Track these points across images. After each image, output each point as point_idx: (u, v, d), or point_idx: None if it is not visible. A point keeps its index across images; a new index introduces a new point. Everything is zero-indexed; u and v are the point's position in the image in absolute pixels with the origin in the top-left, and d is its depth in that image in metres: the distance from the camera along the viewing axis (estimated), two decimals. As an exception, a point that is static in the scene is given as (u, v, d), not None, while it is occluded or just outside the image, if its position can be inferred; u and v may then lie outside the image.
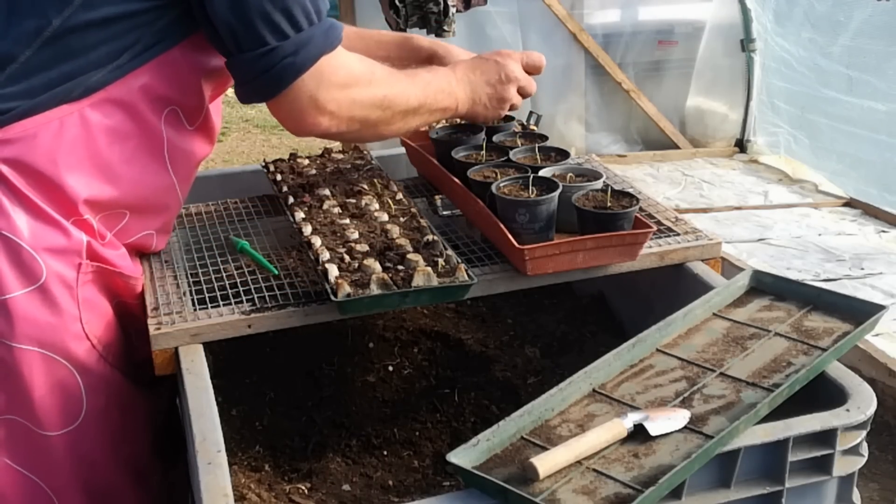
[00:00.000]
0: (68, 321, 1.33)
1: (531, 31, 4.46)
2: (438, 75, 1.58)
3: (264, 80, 1.32)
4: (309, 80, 1.33)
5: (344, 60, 1.39)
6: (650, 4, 4.68)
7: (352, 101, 1.39)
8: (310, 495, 1.40)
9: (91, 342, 1.36)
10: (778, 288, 1.53)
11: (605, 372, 1.31)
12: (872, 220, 3.84)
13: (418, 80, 1.53)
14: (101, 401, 1.39)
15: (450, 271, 1.43)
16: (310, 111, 1.36)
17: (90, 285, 1.37)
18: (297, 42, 1.31)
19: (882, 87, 3.86)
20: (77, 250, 1.33)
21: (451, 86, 1.58)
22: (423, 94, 1.51)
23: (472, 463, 1.12)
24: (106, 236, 1.40)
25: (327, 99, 1.36)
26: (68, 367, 1.33)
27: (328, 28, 1.35)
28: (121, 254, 1.44)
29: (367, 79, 1.42)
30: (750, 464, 1.17)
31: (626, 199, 1.56)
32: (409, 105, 1.49)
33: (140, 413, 1.49)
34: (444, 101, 1.56)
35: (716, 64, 4.70)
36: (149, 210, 1.47)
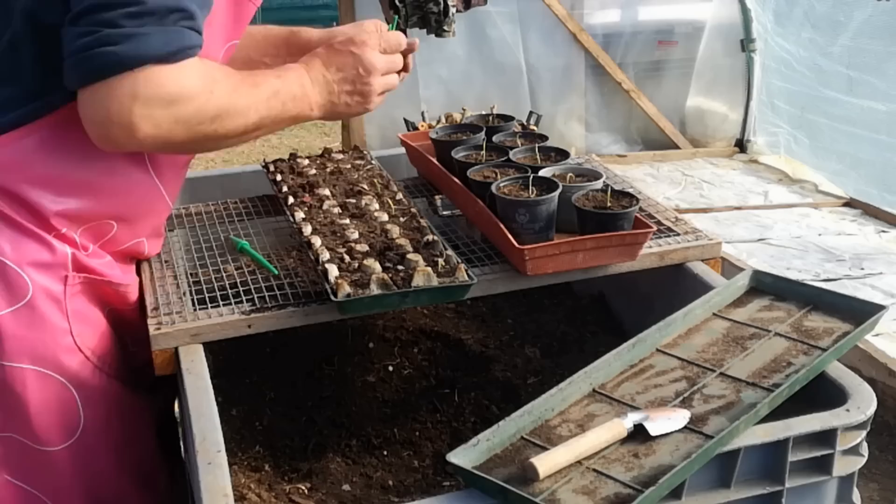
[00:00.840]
0: (59, 335, 1.31)
1: (531, 31, 4.46)
2: (290, 80, 1.38)
3: (76, 62, 1.13)
4: (127, 85, 1.13)
5: (181, 75, 1.18)
6: (650, 4, 4.68)
7: (174, 119, 1.19)
8: (310, 495, 1.40)
9: (84, 354, 1.34)
10: (778, 288, 1.53)
11: (605, 372, 1.31)
12: (872, 220, 3.84)
13: (264, 90, 1.33)
14: (100, 412, 1.37)
15: (450, 271, 1.42)
16: (118, 123, 1.15)
17: (79, 297, 1.35)
18: (126, 34, 1.12)
19: (882, 87, 3.86)
20: (62, 263, 1.31)
21: (303, 89, 1.39)
22: (267, 108, 1.33)
23: (472, 463, 1.12)
24: (89, 247, 1.36)
25: (142, 114, 1.15)
26: (62, 381, 1.32)
27: (176, 36, 1.16)
28: (107, 262, 1.40)
29: (202, 97, 1.22)
30: (750, 464, 1.17)
31: (626, 199, 1.56)
32: (248, 122, 1.30)
33: (141, 418, 1.48)
34: (295, 109, 1.38)
35: (716, 64, 4.70)
36: (137, 218, 1.43)
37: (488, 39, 4.42)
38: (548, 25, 4.47)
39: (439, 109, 2.70)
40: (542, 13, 4.44)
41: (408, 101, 4.22)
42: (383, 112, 4.33)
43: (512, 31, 4.41)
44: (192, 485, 1.15)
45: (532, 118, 2.16)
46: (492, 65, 4.45)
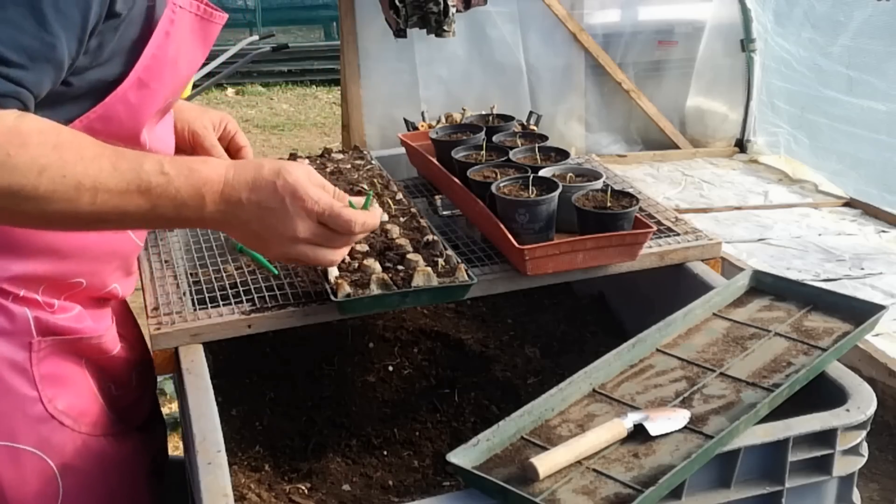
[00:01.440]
0: (27, 405, 1.20)
1: (531, 31, 4.47)
2: (181, 182, 1.08)
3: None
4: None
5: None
6: (650, 4, 4.69)
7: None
8: (310, 495, 1.40)
9: (58, 420, 1.24)
10: (778, 288, 1.53)
11: (605, 372, 1.31)
12: (872, 220, 3.85)
13: (124, 178, 1.04)
14: (79, 476, 1.28)
15: (450, 271, 1.43)
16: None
17: (48, 360, 1.23)
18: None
19: (882, 87, 3.86)
20: (24, 329, 1.19)
21: (201, 201, 1.10)
22: (120, 202, 1.05)
23: (472, 463, 1.12)
24: (54, 303, 1.23)
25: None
26: (35, 453, 1.22)
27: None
28: (76, 315, 1.26)
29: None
30: (750, 464, 1.17)
31: (626, 199, 1.56)
32: (80, 210, 1.03)
33: (130, 465, 1.39)
34: (173, 214, 1.09)
35: (716, 64, 4.70)
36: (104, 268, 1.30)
37: (488, 39, 4.42)
38: (548, 25, 4.48)
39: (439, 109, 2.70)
40: (542, 13, 4.44)
41: (408, 101, 4.23)
42: (383, 112, 4.34)
43: (512, 31, 4.42)
44: (192, 485, 1.15)
45: (532, 118, 2.16)
46: (492, 65, 4.45)
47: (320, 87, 9.51)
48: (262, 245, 1.19)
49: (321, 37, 11.34)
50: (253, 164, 1.16)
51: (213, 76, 5.50)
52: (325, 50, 9.88)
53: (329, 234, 1.19)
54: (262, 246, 1.20)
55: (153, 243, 1.66)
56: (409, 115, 2.55)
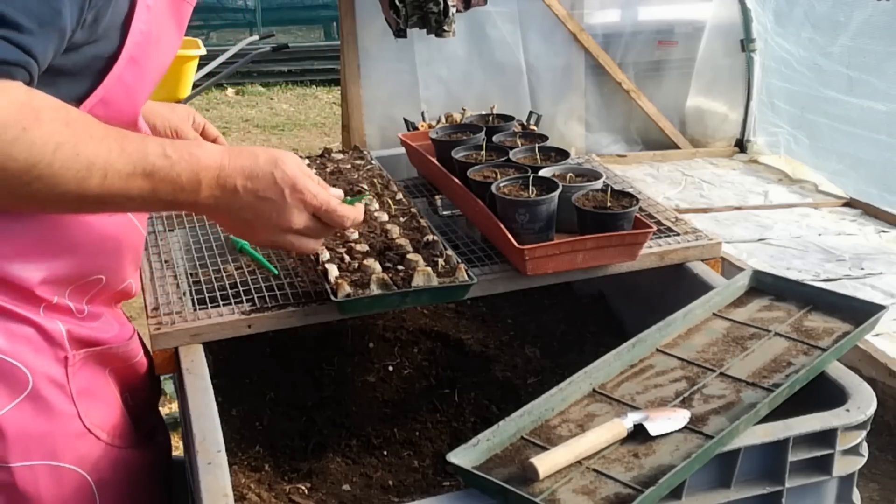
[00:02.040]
0: (67, 423, 1.20)
1: (531, 31, 4.47)
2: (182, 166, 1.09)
3: None
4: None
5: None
6: (650, 4, 4.68)
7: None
8: (310, 495, 1.40)
9: (94, 435, 1.24)
10: (778, 288, 1.53)
11: (605, 372, 1.31)
12: (872, 220, 3.84)
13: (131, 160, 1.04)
14: (114, 491, 1.28)
15: (450, 271, 1.43)
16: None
17: (81, 373, 1.22)
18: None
19: (882, 87, 3.86)
20: (59, 343, 1.18)
21: (197, 186, 1.11)
22: (125, 185, 1.05)
23: (472, 463, 1.12)
24: (84, 310, 1.23)
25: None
26: (75, 470, 1.22)
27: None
28: (103, 323, 1.27)
29: (9, 132, 0.94)
30: (750, 464, 1.17)
31: (626, 199, 1.56)
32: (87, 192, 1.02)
33: (150, 475, 1.40)
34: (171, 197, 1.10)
35: (716, 64, 4.70)
36: (121, 260, 1.29)
37: (488, 39, 4.42)
38: (548, 25, 4.48)
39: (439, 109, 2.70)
40: (542, 13, 4.44)
41: (408, 101, 4.23)
42: (383, 112, 4.34)
43: (512, 31, 4.42)
44: (192, 485, 1.15)
45: (532, 118, 2.16)
46: (492, 65, 4.45)
47: (320, 87, 9.51)
48: (249, 231, 1.20)
49: (321, 37, 11.34)
50: (247, 151, 1.17)
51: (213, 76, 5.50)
52: (325, 50, 9.88)
53: (321, 227, 1.22)
54: (248, 232, 1.21)
55: (153, 243, 1.67)
56: (409, 115, 2.55)
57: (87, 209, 1.11)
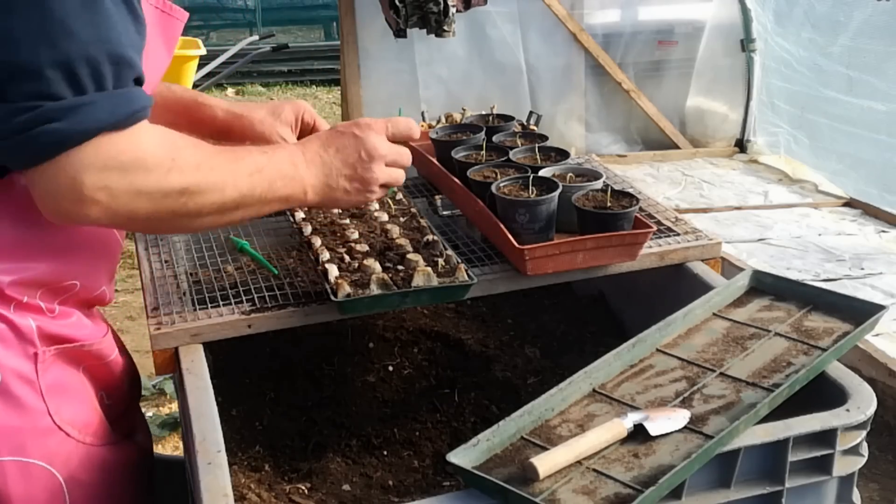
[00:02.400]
0: (36, 418, 1.20)
1: (531, 31, 4.47)
2: (279, 157, 1.27)
3: (17, 144, 1.02)
4: (77, 158, 1.03)
5: (137, 141, 1.08)
6: (650, 4, 4.69)
7: (135, 190, 1.08)
8: (310, 495, 1.40)
9: (64, 431, 1.24)
10: (778, 288, 1.53)
11: (605, 372, 1.31)
12: (872, 220, 3.84)
13: (245, 164, 1.21)
14: (84, 489, 1.28)
15: (450, 271, 1.43)
16: (71, 196, 1.05)
17: (52, 370, 1.23)
18: (69, 106, 1.01)
19: (882, 87, 3.86)
20: (29, 339, 1.19)
21: (296, 170, 1.28)
22: (249, 185, 1.21)
23: (472, 463, 1.12)
24: (55, 308, 1.24)
25: (97, 185, 1.05)
26: (44, 466, 1.21)
27: (124, 99, 1.06)
28: (75, 321, 1.28)
29: (164, 165, 1.11)
30: (750, 464, 1.17)
31: (626, 199, 1.56)
32: (225, 199, 1.18)
33: (123, 473, 1.39)
34: (285, 190, 1.27)
35: (716, 64, 4.70)
36: (97, 268, 1.31)
37: (488, 39, 4.42)
38: (548, 25, 4.48)
39: (439, 109, 2.70)
40: (542, 13, 4.44)
41: (408, 101, 4.22)
42: (383, 112, 4.34)
43: (512, 31, 4.42)
44: (192, 485, 1.15)
45: (532, 118, 2.16)
46: (492, 65, 4.45)
47: (320, 87, 9.51)
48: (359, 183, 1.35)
49: (321, 37, 11.34)
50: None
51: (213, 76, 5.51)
52: (325, 50, 9.88)
53: (397, 151, 1.38)
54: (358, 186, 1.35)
55: (153, 243, 1.67)
56: (409, 115, 2.55)
57: (228, 216, 1.23)
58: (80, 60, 1.01)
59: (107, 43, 1.04)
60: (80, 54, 1.01)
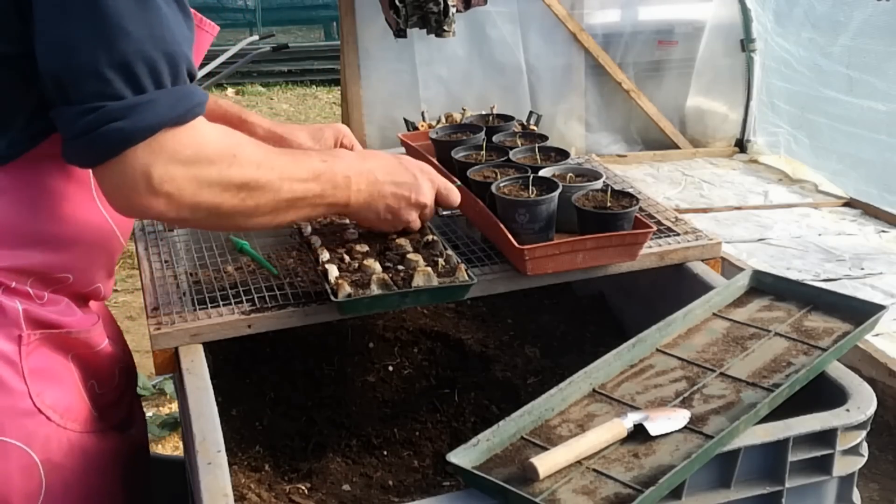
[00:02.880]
0: (16, 399, 1.21)
1: (531, 31, 4.47)
2: (336, 168, 1.32)
3: (84, 144, 1.08)
4: (143, 154, 1.09)
5: (197, 135, 1.13)
6: (650, 4, 4.69)
7: (198, 182, 1.14)
8: (310, 495, 1.40)
9: (45, 415, 1.24)
10: (778, 288, 1.53)
11: (605, 372, 1.31)
12: (872, 220, 3.85)
13: (304, 167, 1.28)
14: (63, 473, 1.28)
15: (450, 271, 1.43)
16: (140, 190, 1.10)
17: (38, 353, 1.24)
18: (131, 105, 1.06)
19: (882, 87, 3.87)
20: (14, 321, 1.20)
21: (348, 181, 1.34)
22: (304, 189, 1.27)
23: (472, 463, 1.12)
24: (44, 295, 1.25)
25: (164, 177, 1.11)
26: (22, 447, 1.22)
27: (182, 95, 1.11)
28: (64, 307, 1.29)
29: (226, 158, 1.16)
30: (750, 464, 1.17)
31: (626, 199, 1.56)
32: (283, 196, 1.24)
33: (109, 464, 1.39)
34: (334, 197, 1.33)
35: (716, 64, 4.71)
36: (92, 264, 1.32)
37: (488, 39, 4.43)
38: (548, 25, 4.48)
39: (439, 109, 2.70)
40: (542, 13, 4.45)
41: (408, 101, 4.23)
42: (383, 112, 4.35)
43: (512, 31, 4.42)
44: (192, 485, 1.16)
45: (532, 118, 2.16)
46: (492, 65, 4.45)
47: (320, 87, 9.51)
48: (391, 216, 1.44)
49: (321, 37, 11.35)
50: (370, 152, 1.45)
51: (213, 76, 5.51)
52: (325, 50, 9.89)
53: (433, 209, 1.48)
54: (391, 218, 1.44)
55: (153, 243, 1.67)
56: (409, 115, 2.55)
57: (280, 217, 1.28)
58: (137, 60, 1.06)
59: (161, 41, 1.08)
60: (137, 53, 1.06)
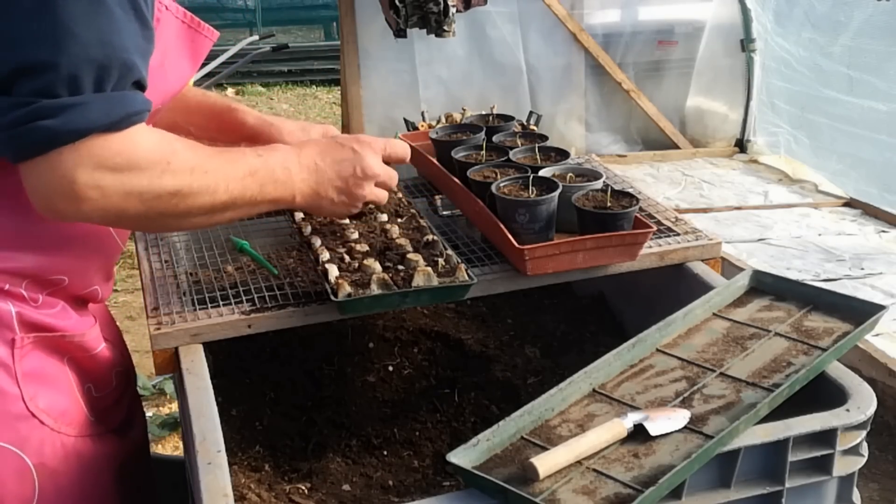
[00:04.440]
0: (9, 403, 1.20)
1: (531, 31, 4.47)
2: (273, 161, 1.29)
3: (10, 137, 1.05)
4: (69, 157, 1.05)
5: (131, 142, 1.10)
6: (650, 4, 4.69)
7: (127, 191, 1.10)
8: (310, 495, 1.40)
9: (38, 419, 1.24)
10: (778, 288, 1.53)
11: (605, 372, 1.31)
12: (872, 220, 3.85)
13: (239, 167, 1.24)
14: (56, 478, 1.27)
15: (450, 271, 1.43)
16: (61, 193, 1.07)
17: (32, 356, 1.23)
18: (64, 105, 1.03)
19: (882, 87, 3.86)
20: (7, 324, 1.20)
21: (288, 173, 1.30)
22: (241, 187, 1.24)
23: (472, 463, 1.12)
24: (38, 298, 1.24)
25: (89, 184, 1.07)
26: (15, 451, 1.21)
27: (119, 101, 1.08)
28: (59, 311, 1.28)
29: (158, 166, 1.13)
30: (750, 464, 1.17)
31: (626, 199, 1.56)
32: (219, 199, 1.21)
33: (104, 467, 1.38)
34: (275, 193, 1.29)
35: (716, 64, 4.70)
36: (88, 268, 1.32)
37: (488, 39, 4.42)
38: (548, 25, 4.48)
39: (439, 109, 2.70)
40: (542, 13, 4.44)
41: (408, 101, 4.23)
42: (383, 112, 4.34)
43: (512, 31, 4.42)
44: (192, 485, 1.16)
45: (532, 118, 2.16)
46: (492, 65, 4.45)
47: (320, 87, 9.51)
48: (346, 197, 1.39)
49: (321, 37, 11.35)
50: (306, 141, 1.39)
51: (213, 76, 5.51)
52: (325, 50, 9.88)
53: (389, 172, 1.42)
54: (345, 200, 1.39)
55: (153, 243, 1.67)
56: (409, 115, 2.55)
57: (217, 217, 1.26)
58: (80, 62, 1.04)
59: (108, 46, 1.06)
60: (81, 56, 1.04)
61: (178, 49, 1.29)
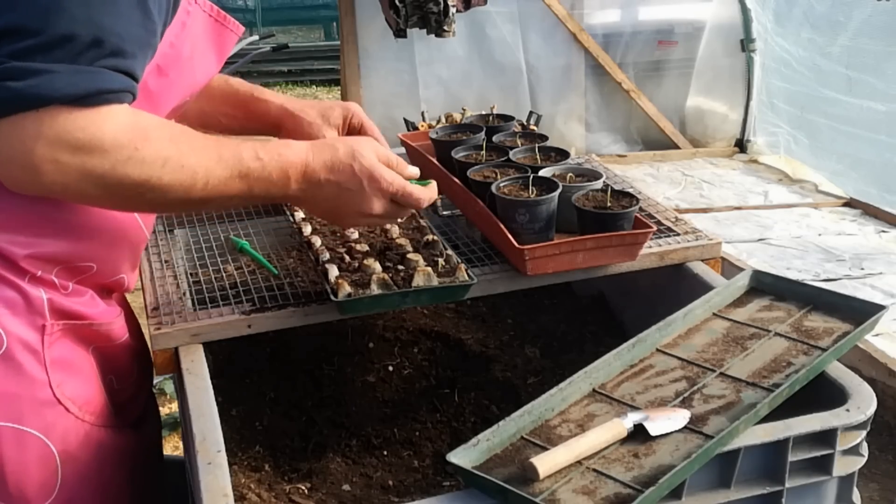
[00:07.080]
0: (36, 389, 1.20)
1: (531, 31, 4.47)
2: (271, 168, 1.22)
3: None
4: (30, 124, 1.01)
5: (98, 120, 1.04)
6: (650, 4, 4.69)
7: (85, 171, 1.05)
8: (310, 495, 1.40)
9: (64, 406, 1.24)
10: (778, 288, 1.53)
11: (605, 372, 1.31)
12: (872, 220, 3.85)
13: (229, 166, 1.18)
14: (79, 466, 1.28)
15: (450, 271, 1.43)
16: (17, 162, 1.03)
17: (60, 343, 1.24)
18: (32, 69, 1.00)
19: (881, 87, 3.87)
20: (38, 311, 1.20)
21: (286, 183, 1.25)
22: (224, 187, 1.18)
23: (472, 463, 1.12)
24: (69, 286, 1.25)
25: (45, 157, 1.02)
26: (40, 437, 1.22)
27: (88, 75, 1.03)
28: (88, 299, 1.29)
29: (124, 152, 1.07)
30: (750, 464, 1.17)
31: (626, 199, 1.56)
32: (192, 196, 1.15)
33: (124, 459, 1.39)
34: (266, 194, 1.25)
35: (716, 64, 4.71)
36: (116, 256, 1.32)
37: (488, 39, 4.43)
38: (548, 25, 4.48)
39: (439, 109, 2.70)
40: (542, 13, 4.45)
41: (408, 101, 4.23)
42: (383, 112, 4.34)
43: (512, 31, 4.42)
44: (192, 485, 1.16)
45: (532, 118, 2.16)
46: (492, 65, 4.46)
47: (320, 87, 9.51)
48: (333, 216, 1.36)
49: (321, 37, 11.35)
50: (329, 145, 1.30)
51: (213, 76, 5.50)
52: (325, 50, 9.88)
53: (397, 209, 1.36)
54: (332, 217, 1.38)
55: (153, 243, 1.66)
56: (409, 115, 2.55)
57: (191, 208, 1.25)
58: (63, 34, 1.01)
59: (97, 26, 1.03)
60: (66, 29, 1.01)
61: (206, 42, 1.29)
